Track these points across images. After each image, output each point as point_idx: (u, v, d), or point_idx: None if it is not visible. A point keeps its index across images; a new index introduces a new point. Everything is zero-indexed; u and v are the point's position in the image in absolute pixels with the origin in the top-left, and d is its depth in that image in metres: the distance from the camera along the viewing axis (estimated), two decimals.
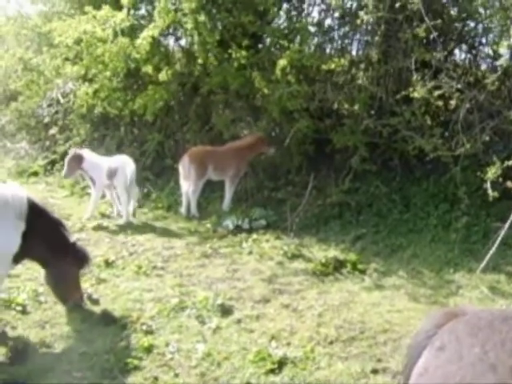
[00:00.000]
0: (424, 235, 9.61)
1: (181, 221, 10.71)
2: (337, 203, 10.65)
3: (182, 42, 12.84)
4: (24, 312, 6.75)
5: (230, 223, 10.18)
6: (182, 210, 11.00)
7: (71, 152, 10.44)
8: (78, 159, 10.20)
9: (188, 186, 10.89)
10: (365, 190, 10.78)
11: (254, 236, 9.73)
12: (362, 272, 8.49)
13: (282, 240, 9.66)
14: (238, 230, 10.05)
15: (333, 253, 9.02)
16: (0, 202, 5.97)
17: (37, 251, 6.36)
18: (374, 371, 5.83)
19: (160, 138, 12.47)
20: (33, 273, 7.53)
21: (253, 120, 12.00)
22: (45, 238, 6.39)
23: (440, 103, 9.23)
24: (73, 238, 6.92)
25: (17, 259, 6.25)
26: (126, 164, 10.34)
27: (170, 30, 12.34)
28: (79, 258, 6.82)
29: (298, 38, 11.43)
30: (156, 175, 12.45)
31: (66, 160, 10.31)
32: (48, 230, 6.49)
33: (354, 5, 11.25)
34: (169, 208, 11.33)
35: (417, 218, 10.09)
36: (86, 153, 10.50)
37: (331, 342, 6.38)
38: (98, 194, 10.44)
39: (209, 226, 10.28)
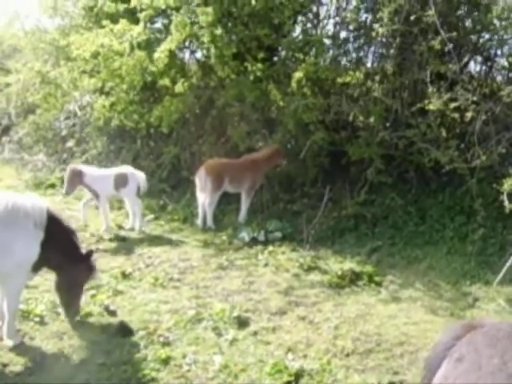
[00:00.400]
0: (440, 247, 9.59)
1: (197, 233, 10.75)
2: (352, 215, 10.66)
3: (198, 55, 12.97)
4: (42, 323, 6.79)
5: (245, 235, 10.21)
6: (199, 221, 11.06)
7: (70, 168, 10.52)
8: (79, 175, 10.29)
9: (204, 198, 10.94)
10: (380, 202, 10.78)
11: (270, 248, 9.75)
12: (378, 284, 8.48)
13: (298, 252, 9.68)
14: (253, 242, 10.09)
15: (349, 265, 9.02)
16: (21, 212, 6.08)
17: (53, 260, 6.46)
18: None
19: (176, 151, 12.55)
20: (50, 284, 7.55)
21: (268, 132, 12.06)
22: (61, 248, 6.51)
23: (456, 115, 9.23)
24: (84, 248, 7.03)
25: (35, 268, 6.35)
26: (135, 174, 10.44)
27: (186, 44, 12.43)
28: (89, 268, 6.94)
29: (314, 50, 11.49)
30: (172, 187, 12.53)
31: (66, 177, 10.41)
32: (64, 240, 6.61)
33: (369, 18, 11.29)
34: (185, 220, 11.39)
35: (433, 230, 10.06)
36: (85, 167, 10.64)
37: (348, 355, 6.38)
38: (104, 205, 10.52)
39: (225, 238, 10.32)
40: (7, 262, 5.89)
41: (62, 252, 6.54)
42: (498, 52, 11.20)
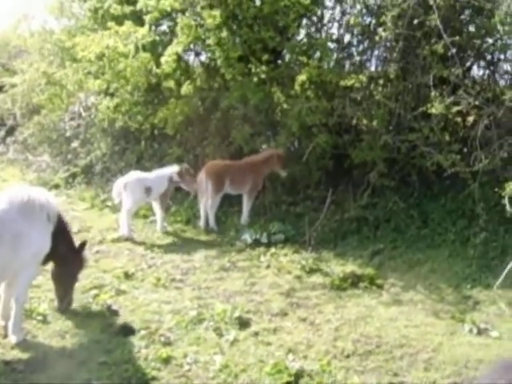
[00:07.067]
0: (442, 251, 9.58)
1: (200, 234, 10.82)
2: (355, 218, 10.65)
3: (203, 58, 13.02)
4: (44, 321, 6.87)
5: (248, 237, 10.23)
6: (201, 223, 11.09)
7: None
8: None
9: (205, 200, 10.99)
10: (383, 205, 10.75)
11: (272, 250, 9.80)
12: (380, 287, 8.52)
13: (300, 254, 9.71)
14: (256, 243, 10.11)
15: (350, 267, 9.06)
16: (36, 204, 6.32)
17: (57, 252, 6.66)
18: None
19: (180, 152, 12.56)
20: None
21: (272, 134, 12.08)
22: (64, 240, 6.83)
23: (458, 119, 9.24)
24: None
25: (44, 260, 6.59)
26: None
27: (191, 46, 12.47)
28: (82, 259, 7.24)
29: (318, 53, 11.52)
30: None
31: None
32: (66, 233, 6.92)
33: (373, 22, 11.32)
34: (188, 221, 11.42)
35: (435, 233, 10.05)
36: None
37: (348, 356, 6.43)
38: None
39: (227, 239, 10.38)
40: (25, 252, 6.10)
41: (65, 244, 6.86)
42: (501, 57, 11.19)
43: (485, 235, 9.42)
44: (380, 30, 9.92)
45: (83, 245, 7.22)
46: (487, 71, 11.54)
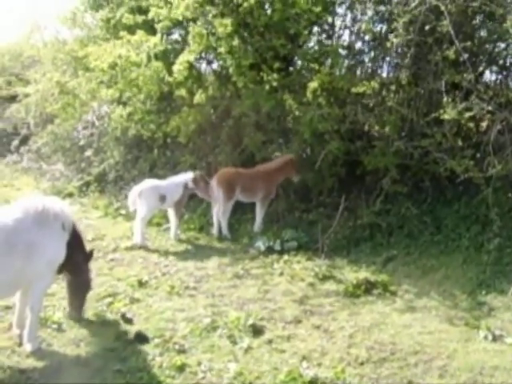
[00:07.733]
0: (456, 257, 9.53)
1: (213, 242, 10.85)
2: (368, 225, 10.63)
3: (214, 66, 13.08)
4: (59, 330, 6.89)
5: (261, 244, 10.25)
6: (214, 231, 11.12)
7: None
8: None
9: (217, 207, 11.02)
10: (396, 211, 10.71)
11: (286, 257, 9.80)
12: (393, 293, 8.50)
13: (314, 261, 9.71)
14: (269, 251, 10.13)
15: (364, 274, 9.03)
16: (51, 213, 6.35)
17: (72, 261, 6.67)
18: None
19: (192, 160, 12.59)
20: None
21: (284, 142, 12.09)
22: (79, 249, 6.84)
23: (471, 125, 9.19)
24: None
25: (59, 269, 6.59)
26: None
27: (202, 54, 12.54)
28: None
29: (329, 60, 11.54)
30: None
31: None
32: (80, 242, 6.92)
33: (384, 28, 11.33)
34: (201, 229, 11.46)
35: (448, 239, 10.00)
36: None
37: (362, 363, 6.42)
38: None
39: (240, 247, 10.40)
40: (39, 260, 6.13)
41: (80, 253, 6.89)
42: None
43: (499, 241, 9.35)
44: (391, 36, 9.91)
45: (92, 252, 7.24)
46: (500, 76, 11.50)
